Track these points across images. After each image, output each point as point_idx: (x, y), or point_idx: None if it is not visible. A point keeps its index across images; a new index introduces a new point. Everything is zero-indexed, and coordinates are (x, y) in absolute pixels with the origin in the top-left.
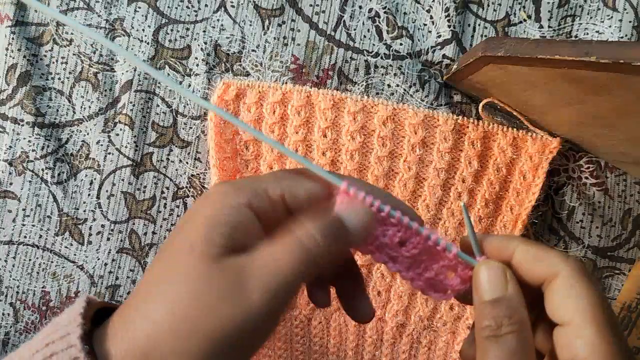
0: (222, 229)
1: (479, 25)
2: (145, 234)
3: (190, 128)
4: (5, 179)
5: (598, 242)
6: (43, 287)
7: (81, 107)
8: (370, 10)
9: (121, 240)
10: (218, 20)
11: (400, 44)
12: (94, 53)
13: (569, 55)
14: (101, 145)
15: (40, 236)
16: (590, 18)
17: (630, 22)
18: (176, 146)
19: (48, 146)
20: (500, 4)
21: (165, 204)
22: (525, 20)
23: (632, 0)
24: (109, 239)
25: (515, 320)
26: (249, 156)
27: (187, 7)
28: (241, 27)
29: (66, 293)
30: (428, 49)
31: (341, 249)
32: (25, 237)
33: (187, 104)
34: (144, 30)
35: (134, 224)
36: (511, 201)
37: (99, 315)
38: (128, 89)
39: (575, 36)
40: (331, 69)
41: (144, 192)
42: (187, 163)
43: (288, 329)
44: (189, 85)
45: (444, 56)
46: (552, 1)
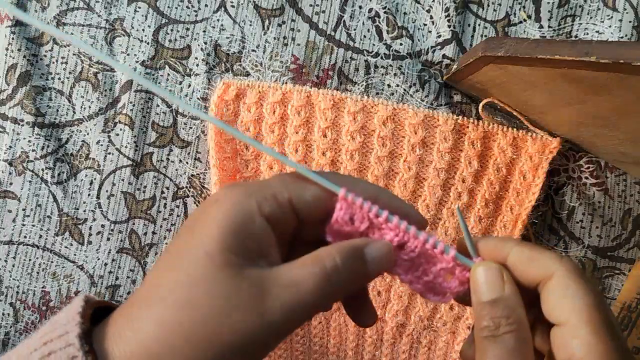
0: (238, 237)
1: (479, 25)
2: (145, 234)
3: (190, 128)
4: (5, 179)
5: (598, 242)
6: (43, 287)
7: (81, 107)
8: (370, 10)
9: (121, 240)
10: (218, 20)
11: (400, 44)
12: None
13: (569, 55)
14: (101, 145)
15: (40, 236)
16: (590, 18)
17: (630, 22)
18: (176, 146)
19: (48, 146)
20: (500, 4)
21: (165, 204)
22: (525, 20)
23: (632, 0)
24: (109, 239)
25: (513, 320)
26: (249, 156)
27: (187, 7)
28: (241, 27)
29: (66, 293)
30: (428, 49)
31: (361, 281)
32: (25, 237)
33: (187, 104)
34: (144, 30)
35: (134, 224)
36: (511, 201)
37: (97, 315)
38: (128, 89)
39: (575, 36)
40: (331, 69)
41: (144, 192)
42: (187, 163)
43: None
44: (189, 86)
45: (444, 56)
46: (552, 1)
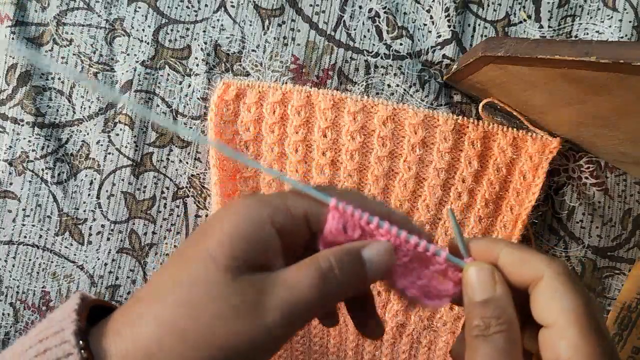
0: (245, 244)
1: (479, 25)
2: (145, 234)
3: (190, 128)
4: (5, 179)
5: (598, 242)
6: (43, 287)
7: (81, 107)
8: (370, 10)
9: (121, 240)
10: (218, 20)
11: (400, 44)
12: (94, 53)
13: (569, 55)
14: (101, 145)
15: (40, 236)
16: (590, 18)
17: (630, 22)
18: (176, 146)
19: (48, 146)
20: (500, 4)
21: (165, 204)
22: (525, 20)
23: (632, 0)
24: (109, 239)
25: (503, 320)
26: (249, 156)
27: (187, 7)
28: (241, 27)
29: (66, 293)
30: (428, 49)
31: (360, 283)
32: (25, 237)
33: (187, 104)
34: (144, 30)
35: (134, 224)
36: (511, 201)
37: (96, 314)
38: (128, 89)
39: (575, 36)
40: (331, 69)
41: (144, 192)
42: (187, 163)
43: None
44: (189, 86)
45: (444, 56)
46: (552, 1)
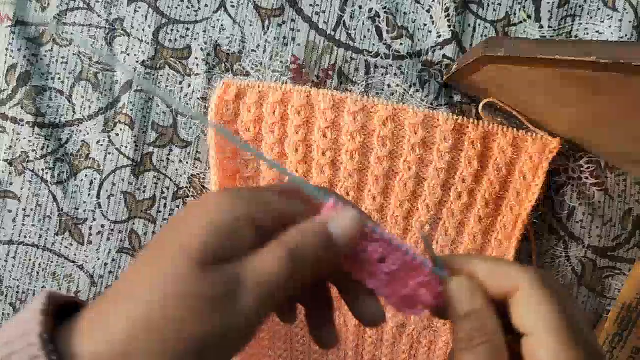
0: (219, 237)
1: (479, 25)
2: (145, 234)
3: (190, 128)
4: (5, 179)
5: (598, 242)
6: (43, 287)
7: (81, 107)
8: (370, 10)
9: (121, 240)
10: (218, 20)
11: (400, 44)
12: (94, 53)
13: (569, 55)
14: (101, 145)
15: (40, 236)
16: (590, 18)
17: (630, 22)
18: (176, 146)
19: (48, 146)
20: (500, 4)
21: (165, 204)
22: (525, 20)
23: (632, 0)
24: (109, 239)
25: (485, 332)
26: (249, 156)
27: (187, 7)
28: (241, 27)
29: (66, 293)
30: (428, 49)
31: (330, 257)
32: (25, 237)
33: (187, 104)
34: (144, 30)
35: (134, 224)
36: (511, 201)
37: (66, 312)
38: (128, 89)
39: (575, 36)
40: (331, 69)
41: (144, 192)
42: (187, 163)
43: (288, 329)
44: (189, 86)
45: (444, 56)
46: (552, 1)
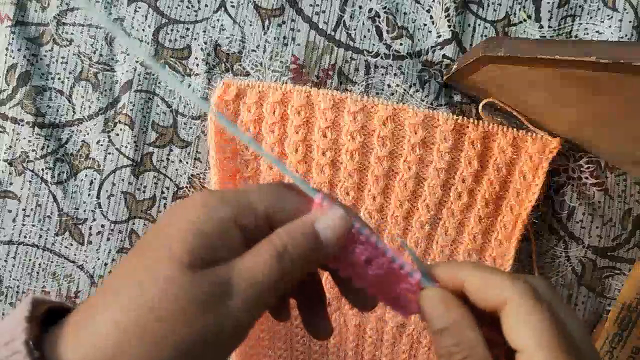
0: (205, 240)
1: (479, 25)
2: (145, 234)
3: (190, 128)
4: (5, 179)
5: (598, 242)
6: (43, 287)
7: (81, 107)
8: (370, 10)
9: (121, 240)
10: (218, 20)
11: (400, 44)
12: (94, 53)
13: (569, 55)
14: (101, 145)
15: (40, 236)
16: (590, 18)
17: (630, 22)
18: (176, 146)
19: (48, 146)
20: (500, 4)
21: (165, 204)
22: (525, 20)
23: (632, 0)
24: (109, 239)
25: (463, 346)
26: (249, 156)
27: (187, 7)
28: (241, 27)
29: (66, 293)
30: (428, 49)
31: (318, 256)
32: (25, 237)
33: (187, 104)
34: (144, 30)
35: (134, 224)
36: (511, 201)
37: (53, 317)
38: (128, 89)
39: (575, 36)
40: (331, 69)
41: (144, 192)
42: (187, 163)
43: (288, 329)
44: (189, 86)
45: (444, 56)
46: (552, 1)
